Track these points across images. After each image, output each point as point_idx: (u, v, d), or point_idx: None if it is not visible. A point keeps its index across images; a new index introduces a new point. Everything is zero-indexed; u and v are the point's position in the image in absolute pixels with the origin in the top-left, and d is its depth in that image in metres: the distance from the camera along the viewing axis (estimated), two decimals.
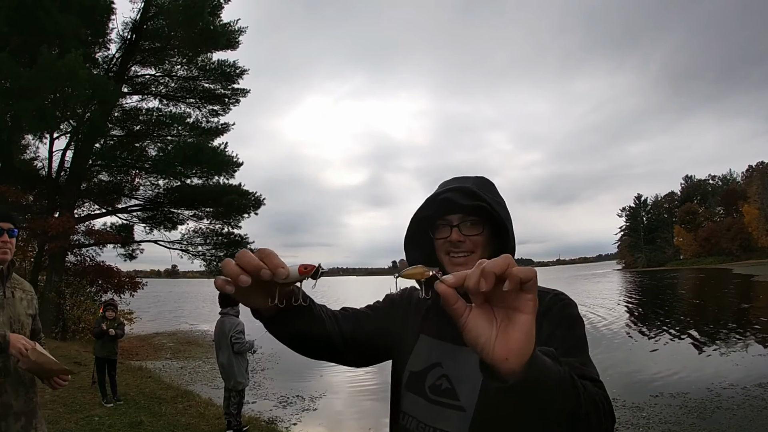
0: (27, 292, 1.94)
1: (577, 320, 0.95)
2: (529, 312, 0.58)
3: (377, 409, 6.74)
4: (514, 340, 0.58)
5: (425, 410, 0.98)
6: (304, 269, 0.69)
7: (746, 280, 31.25)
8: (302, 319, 0.91)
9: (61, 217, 12.12)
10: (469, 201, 1.00)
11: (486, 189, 1.05)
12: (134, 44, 13.93)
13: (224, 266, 0.67)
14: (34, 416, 1.82)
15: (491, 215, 1.00)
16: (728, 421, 5.25)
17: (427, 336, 1.05)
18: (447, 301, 0.59)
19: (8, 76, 10.12)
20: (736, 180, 78.62)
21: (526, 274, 0.56)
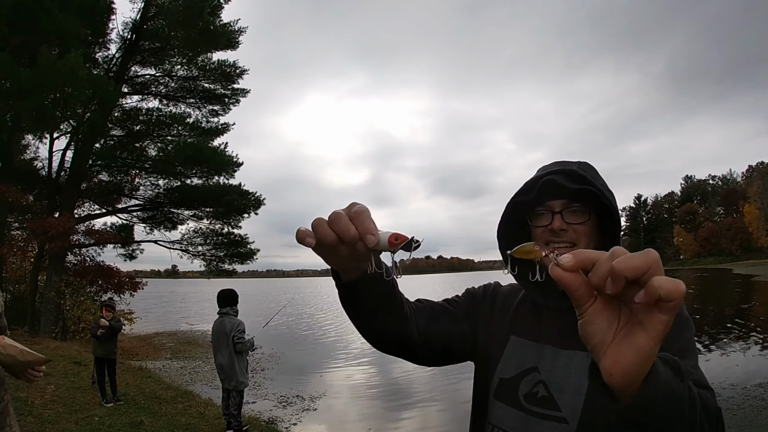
0: None
1: (688, 321, 0.85)
2: (654, 337, 0.46)
3: (378, 409, 6.75)
4: (626, 358, 0.48)
5: (519, 422, 0.86)
6: (395, 240, 0.59)
7: (746, 280, 31.27)
8: (384, 297, 0.79)
9: (61, 217, 12.12)
10: (575, 185, 0.88)
11: (591, 173, 0.93)
12: (134, 44, 13.93)
13: (317, 226, 0.59)
14: (8, 414, 1.81)
15: (599, 202, 0.87)
16: (728, 421, 5.23)
17: (519, 337, 0.93)
18: (569, 287, 0.48)
19: (8, 76, 10.11)
20: (736, 180, 78.68)
21: (670, 291, 0.42)
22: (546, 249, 0.57)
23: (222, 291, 5.17)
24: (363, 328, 0.84)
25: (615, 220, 0.88)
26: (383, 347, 0.90)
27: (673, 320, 0.63)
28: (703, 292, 26.40)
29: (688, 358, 0.79)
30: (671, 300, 0.43)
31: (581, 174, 0.89)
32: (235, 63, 15.01)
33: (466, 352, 0.99)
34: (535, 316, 0.92)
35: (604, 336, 0.49)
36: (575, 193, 0.87)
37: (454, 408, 6.64)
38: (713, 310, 17.30)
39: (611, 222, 0.88)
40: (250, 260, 16.36)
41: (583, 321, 0.50)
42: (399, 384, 8.26)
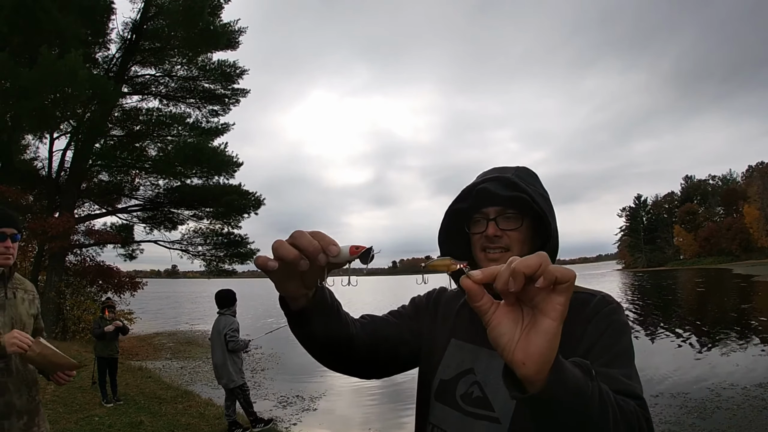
0: (29, 293, 1.96)
1: (625, 327, 0.86)
2: (555, 318, 0.53)
3: (378, 409, 6.74)
4: (535, 344, 0.53)
5: (457, 422, 0.89)
6: (356, 249, 0.63)
7: (746, 280, 31.26)
8: (330, 317, 0.82)
9: (61, 217, 12.12)
10: (508, 192, 0.91)
11: (528, 179, 0.96)
12: (134, 44, 13.93)
13: (278, 247, 0.61)
14: (37, 414, 1.84)
15: (532, 208, 0.90)
16: (728, 421, 5.25)
17: (459, 340, 0.97)
18: (471, 297, 0.55)
19: (8, 76, 10.11)
20: (736, 180, 78.65)
21: (563, 274, 0.51)
22: (461, 263, 0.64)
23: (219, 292, 5.17)
24: (314, 350, 0.87)
25: (546, 226, 0.91)
26: (334, 365, 0.94)
27: (607, 324, 0.83)
28: (703, 292, 26.39)
29: (620, 365, 0.79)
30: (565, 281, 0.52)
31: (514, 181, 0.92)
32: (235, 63, 15.02)
33: (410, 359, 1.03)
34: (473, 321, 0.93)
35: (513, 334, 0.55)
36: (509, 199, 0.91)
37: None
38: (713, 310, 17.29)
39: (545, 226, 0.92)
40: (250, 260, 16.36)
41: (490, 327, 0.56)
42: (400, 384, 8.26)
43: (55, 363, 1.75)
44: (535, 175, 1.01)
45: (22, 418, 1.76)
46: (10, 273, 1.86)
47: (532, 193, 0.91)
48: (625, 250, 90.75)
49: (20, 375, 1.77)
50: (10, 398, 1.73)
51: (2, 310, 1.80)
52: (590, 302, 0.87)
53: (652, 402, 6.13)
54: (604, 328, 0.84)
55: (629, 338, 0.86)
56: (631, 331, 0.87)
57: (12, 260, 1.84)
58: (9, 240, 1.82)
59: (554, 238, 0.92)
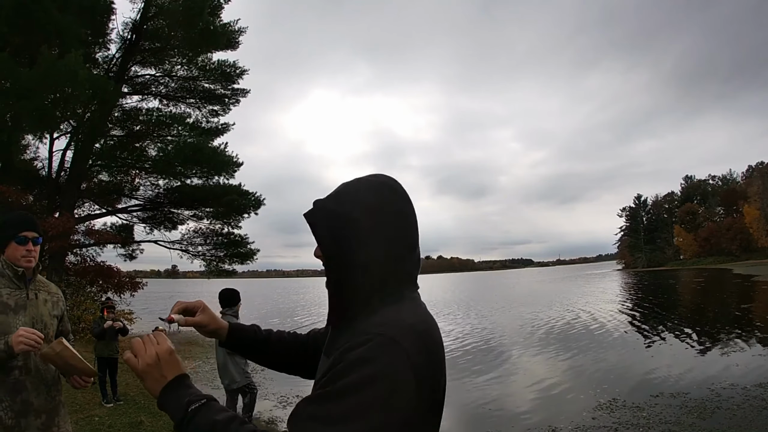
0: (53, 294, 2.00)
1: (357, 364, 0.70)
2: (137, 375, 0.90)
3: None
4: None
5: None
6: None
7: (746, 280, 31.26)
8: (258, 341, 1.14)
9: (61, 217, 12.11)
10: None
11: (323, 214, 0.86)
12: (134, 44, 13.93)
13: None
14: (57, 414, 1.85)
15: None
16: (728, 421, 5.25)
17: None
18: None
19: (8, 76, 10.11)
20: (736, 180, 78.65)
21: (126, 359, 0.89)
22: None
23: (223, 291, 5.08)
24: (272, 366, 1.19)
25: (335, 265, 0.84)
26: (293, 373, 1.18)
27: (340, 362, 0.74)
28: (703, 292, 26.40)
29: (320, 402, 0.72)
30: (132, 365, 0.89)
31: (309, 220, 0.87)
32: (235, 63, 15.03)
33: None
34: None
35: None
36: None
37: (460, 409, 6.63)
38: (713, 310, 17.29)
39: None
40: (250, 260, 16.37)
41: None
42: None
43: (73, 366, 1.75)
44: (352, 191, 0.87)
45: (39, 417, 1.77)
46: (32, 275, 1.90)
47: (325, 228, 0.85)
48: (625, 250, 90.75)
49: (39, 374, 1.79)
50: (27, 396, 1.74)
51: (23, 310, 1.83)
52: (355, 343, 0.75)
53: (651, 402, 6.14)
54: (335, 364, 0.75)
55: (355, 378, 0.70)
56: (376, 373, 0.69)
57: (34, 263, 1.89)
58: (31, 243, 1.87)
59: (359, 268, 0.81)
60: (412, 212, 0.89)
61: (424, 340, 0.76)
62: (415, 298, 0.87)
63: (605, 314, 16.61)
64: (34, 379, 1.77)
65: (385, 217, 0.84)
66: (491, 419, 6.01)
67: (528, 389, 7.37)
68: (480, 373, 8.64)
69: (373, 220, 0.83)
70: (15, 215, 1.96)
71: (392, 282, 0.83)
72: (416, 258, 0.89)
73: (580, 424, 5.51)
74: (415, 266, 0.89)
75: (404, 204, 0.88)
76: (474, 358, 10.15)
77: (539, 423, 5.67)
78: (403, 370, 0.71)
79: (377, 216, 0.83)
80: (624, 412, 5.79)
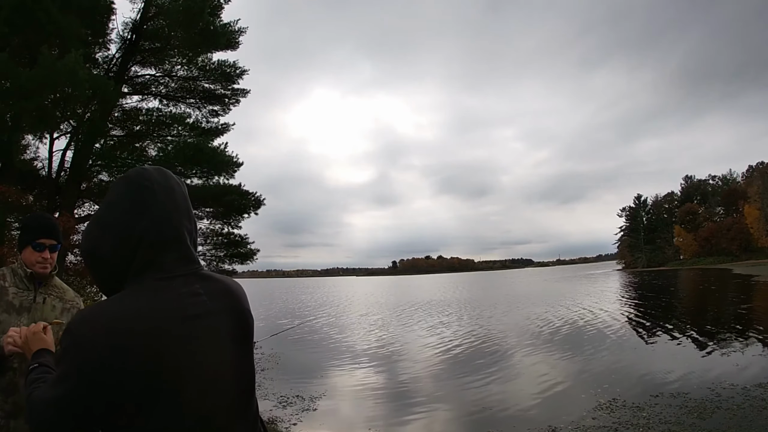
0: (66, 302, 1.97)
1: (66, 352, 0.86)
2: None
3: (380, 410, 6.74)
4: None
5: None
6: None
7: (746, 280, 31.26)
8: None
9: (61, 217, 12.10)
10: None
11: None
12: (134, 44, 13.93)
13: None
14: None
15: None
16: (728, 421, 5.25)
17: None
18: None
19: (8, 76, 10.10)
20: (736, 180, 78.65)
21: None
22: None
23: None
24: None
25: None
26: None
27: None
28: (703, 292, 26.39)
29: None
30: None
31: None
32: (235, 63, 15.03)
33: None
34: None
35: None
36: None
37: (460, 409, 6.64)
38: (713, 310, 17.29)
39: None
40: (250, 260, 16.38)
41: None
42: (401, 385, 8.26)
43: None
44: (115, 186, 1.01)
45: None
46: (45, 279, 1.89)
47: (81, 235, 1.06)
48: (625, 250, 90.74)
49: None
50: (18, 399, 1.73)
51: (27, 312, 1.81)
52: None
53: (651, 402, 6.13)
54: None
55: (64, 360, 0.87)
56: (74, 344, 0.85)
57: (49, 269, 1.88)
58: (48, 251, 1.85)
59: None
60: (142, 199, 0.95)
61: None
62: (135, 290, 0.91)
63: (605, 314, 16.61)
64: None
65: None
66: (491, 419, 6.01)
67: (528, 389, 7.36)
68: (480, 373, 8.64)
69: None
70: (36, 218, 1.93)
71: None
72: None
73: (580, 424, 5.51)
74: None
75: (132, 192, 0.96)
76: (474, 358, 10.15)
77: (539, 423, 5.67)
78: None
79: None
80: (624, 412, 5.79)
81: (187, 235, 0.97)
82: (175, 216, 0.95)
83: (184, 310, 0.89)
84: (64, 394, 0.84)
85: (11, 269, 1.87)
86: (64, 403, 0.84)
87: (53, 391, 0.86)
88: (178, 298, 0.89)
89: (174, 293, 0.90)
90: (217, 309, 0.95)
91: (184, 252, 0.95)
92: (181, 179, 1.05)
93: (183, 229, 0.95)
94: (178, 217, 0.95)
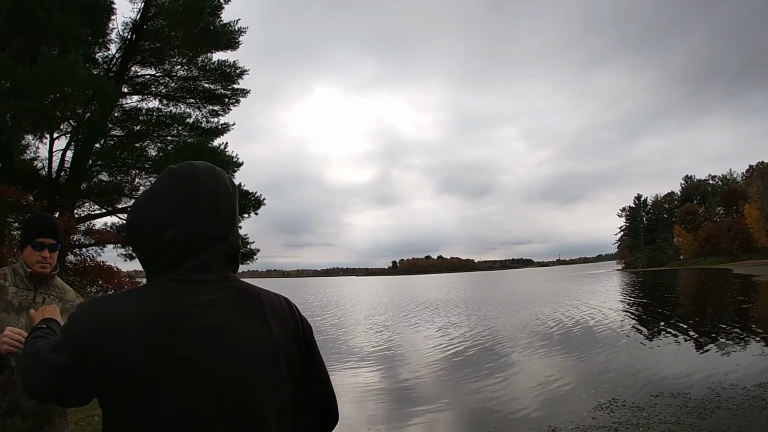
0: (66, 302, 1.95)
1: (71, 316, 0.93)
2: None
3: (381, 410, 6.73)
4: None
5: None
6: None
7: (746, 280, 31.25)
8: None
9: (61, 217, 12.10)
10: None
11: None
12: (134, 44, 13.93)
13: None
14: (49, 422, 1.82)
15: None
16: (728, 421, 5.25)
17: None
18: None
19: (8, 76, 10.10)
20: (736, 180, 78.65)
21: None
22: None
23: None
24: None
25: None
26: None
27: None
28: (703, 292, 26.39)
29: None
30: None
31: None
32: (235, 63, 15.02)
33: None
34: None
35: None
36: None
37: (462, 409, 6.64)
38: (713, 309, 17.29)
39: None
40: (250, 260, 16.37)
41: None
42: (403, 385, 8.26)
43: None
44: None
45: (27, 420, 1.76)
46: (45, 279, 1.88)
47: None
48: (625, 250, 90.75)
49: None
50: (16, 397, 1.73)
51: (25, 312, 1.80)
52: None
53: (651, 402, 6.13)
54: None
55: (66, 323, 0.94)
56: (65, 332, 0.90)
57: (49, 269, 1.86)
58: (47, 250, 1.84)
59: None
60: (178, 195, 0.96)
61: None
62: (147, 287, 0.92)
63: (605, 314, 16.61)
64: None
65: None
66: (491, 419, 6.01)
67: (528, 389, 7.36)
68: (480, 373, 8.64)
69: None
70: (35, 218, 1.93)
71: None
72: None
73: (580, 424, 5.51)
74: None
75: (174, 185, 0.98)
76: (474, 358, 10.15)
77: (539, 423, 5.67)
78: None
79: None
80: (624, 412, 5.79)
81: (222, 243, 0.93)
82: (212, 221, 0.92)
83: (185, 319, 0.85)
84: (56, 362, 0.86)
85: (12, 269, 1.87)
86: (55, 369, 0.86)
87: (51, 354, 0.87)
88: (182, 305, 0.86)
89: (183, 299, 0.87)
90: (234, 323, 0.88)
91: (209, 259, 0.91)
92: (234, 184, 1.04)
93: (217, 236, 0.93)
94: (216, 224, 0.93)
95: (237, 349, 0.88)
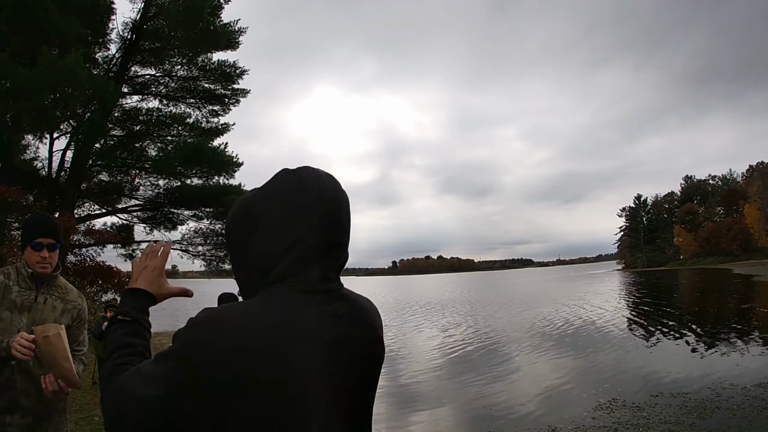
0: (68, 302, 1.95)
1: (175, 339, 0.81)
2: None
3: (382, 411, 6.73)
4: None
5: None
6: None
7: (746, 280, 31.25)
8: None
9: (61, 217, 12.10)
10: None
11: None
12: (134, 44, 13.93)
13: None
14: (48, 420, 1.82)
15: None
16: (728, 421, 5.25)
17: None
18: None
19: (8, 76, 10.11)
20: (736, 180, 78.65)
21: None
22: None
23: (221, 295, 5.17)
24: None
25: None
26: None
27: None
28: (703, 292, 26.40)
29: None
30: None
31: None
32: (235, 63, 15.04)
33: None
34: None
35: None
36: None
37: (462, 408, 6.64)
38: (713, 309, 17.30)
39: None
40: None
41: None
42: (404, 386, 8.26)
43: (59, 363, 1.65)
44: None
45: (26, 418, 1.76)
46: (47, 279, 1.88)
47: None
48: (625, 250, 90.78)
49: (31, 376, 1.77)
50: (15, 395, 1.74)
51: (27, 312, 1.81)
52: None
53: (651, 402, 6.13)
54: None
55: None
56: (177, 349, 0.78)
57: (49, 269, 1.86)
58: (46, 250, 1.83)
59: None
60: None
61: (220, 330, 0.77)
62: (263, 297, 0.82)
63: (605, 314, 16.61)
64: (26, 379, 1.76)
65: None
66: (491, 419, 6.01)
67: (528, 389, 7.37)
68: (480, 373, 8.64)
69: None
70: (35, 218, 1.92)
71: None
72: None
73: (580, 424, 5.51)
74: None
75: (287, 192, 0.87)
76: (474, 358, 10.15)
77: (539, 423, 5.67)
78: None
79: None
80: (624, 412, 5.79)
81: (342, 251, 0.89)
82: (336, 228, 0.87)
83: (322, 330, 0.81)
84: (160, 395, 0.75)
85: (16, 268, 1.87)
86: (157, 404, 0.75)
87: (147, 386, 0.75)
88: (317, 316, 0.81)
89: (314, 310, 0.81)
90: (356, 335, 0.86)
91: (331, 268, 0.87)
92: (345, 192, 0.95)
93: (339, 244, 0.88)
94: (339, 230, 0.88)
95: (362, 361, 0.86)
